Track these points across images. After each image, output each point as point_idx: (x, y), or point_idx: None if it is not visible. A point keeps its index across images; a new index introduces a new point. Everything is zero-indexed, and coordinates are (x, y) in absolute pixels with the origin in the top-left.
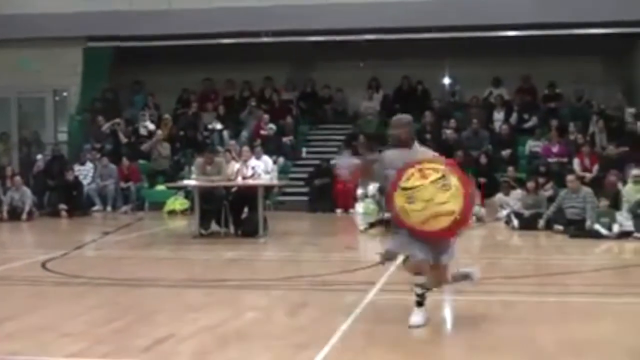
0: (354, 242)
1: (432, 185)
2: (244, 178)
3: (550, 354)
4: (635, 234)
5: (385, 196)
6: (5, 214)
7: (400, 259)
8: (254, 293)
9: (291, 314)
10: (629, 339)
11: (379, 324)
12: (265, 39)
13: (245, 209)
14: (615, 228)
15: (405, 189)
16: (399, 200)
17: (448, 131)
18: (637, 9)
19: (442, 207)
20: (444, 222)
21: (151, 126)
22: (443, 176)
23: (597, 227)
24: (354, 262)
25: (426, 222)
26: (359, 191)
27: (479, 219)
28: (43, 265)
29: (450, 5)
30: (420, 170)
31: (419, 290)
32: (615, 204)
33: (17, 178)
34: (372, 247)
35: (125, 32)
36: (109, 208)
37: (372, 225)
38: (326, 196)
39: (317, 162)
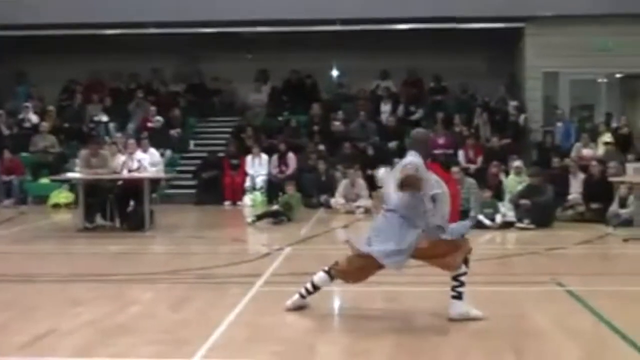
0: (242, 235)
1: None
2: (130, 171)
3: (431, 343)
4: (517, 224)
5: None
6: None
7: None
8: (139, 287)
9: (175, 307)
10: (510, 327)
11: (264, 316)
12: (150, 30)
13: (131, 203)
14: (498, 218)
15: None
16: None
17: (336, 123)
18: (520, 5)
19: None
20: None
21: (35, 118)
22: None
23: (481, 217)
24: (241, 254)
25: None
26: (247, 183)
27: (367, 211)
28: None
29: None
30: None
31: None
32: (498, 195)
33: None
34: (259, 239)
35: (3, 21)
36: None
37: (259, 217)
38: (214, 189)
39: (205, 154)
